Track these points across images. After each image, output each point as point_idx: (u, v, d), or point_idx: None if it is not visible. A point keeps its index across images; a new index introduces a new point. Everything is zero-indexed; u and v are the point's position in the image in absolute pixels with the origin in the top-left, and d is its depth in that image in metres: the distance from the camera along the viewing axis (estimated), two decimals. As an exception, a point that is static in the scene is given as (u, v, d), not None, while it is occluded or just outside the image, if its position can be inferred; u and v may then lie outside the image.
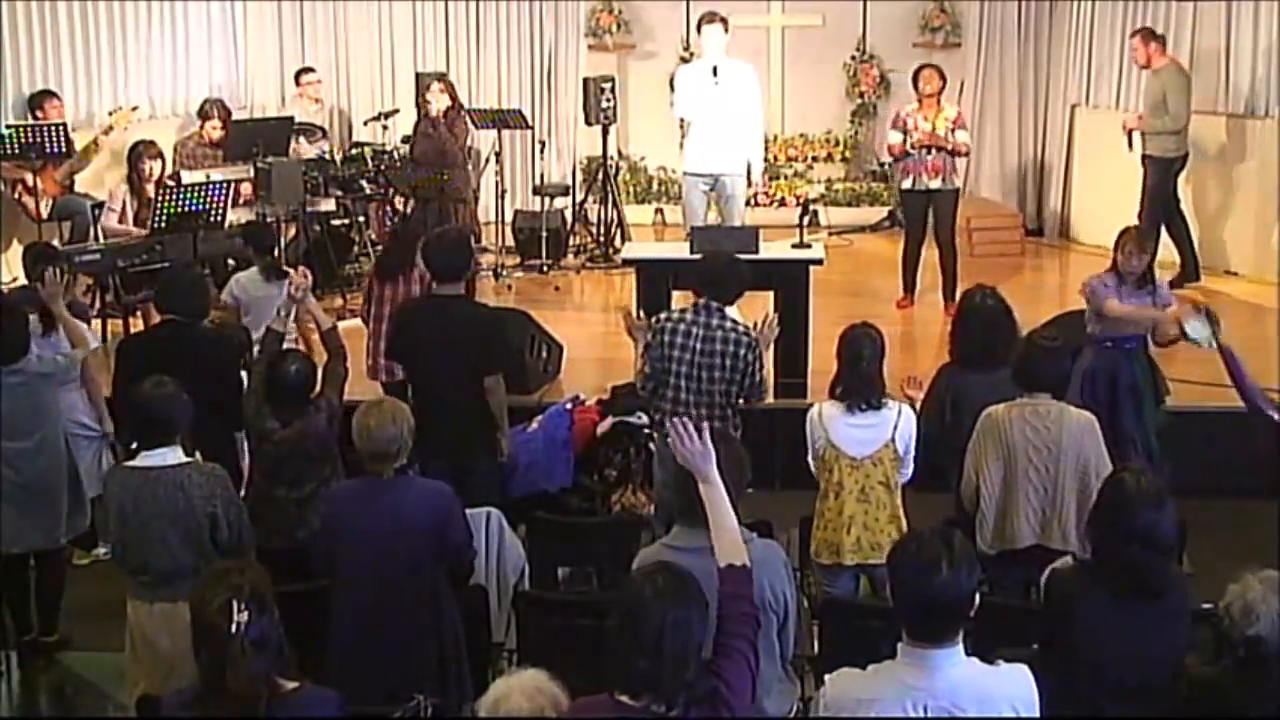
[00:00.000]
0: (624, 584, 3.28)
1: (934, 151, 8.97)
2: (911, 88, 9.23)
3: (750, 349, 5.67)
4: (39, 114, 9.30)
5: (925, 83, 9.02)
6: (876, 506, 5.17)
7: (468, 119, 10.20)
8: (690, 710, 3.12)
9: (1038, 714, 3.29)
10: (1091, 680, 3.86)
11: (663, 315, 5.87)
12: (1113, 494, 4.02)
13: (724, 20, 9.00)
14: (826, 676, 3.38)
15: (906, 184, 9.17)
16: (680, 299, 8.84)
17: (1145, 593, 3.87)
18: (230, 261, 8.44)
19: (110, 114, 9.86)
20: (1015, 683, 3.30)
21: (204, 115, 9.98)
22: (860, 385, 5.20)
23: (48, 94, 9.61)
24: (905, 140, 9.02)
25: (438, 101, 9.80)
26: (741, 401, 5.77)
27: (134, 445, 4.72)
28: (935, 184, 9.04)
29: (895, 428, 5.19)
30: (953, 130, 8.98)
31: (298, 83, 11.28)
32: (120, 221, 8.60)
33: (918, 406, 5.51)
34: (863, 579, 5.29)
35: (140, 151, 8.67)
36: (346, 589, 4.53)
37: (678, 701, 3.11)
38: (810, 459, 5.33)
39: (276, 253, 8.79)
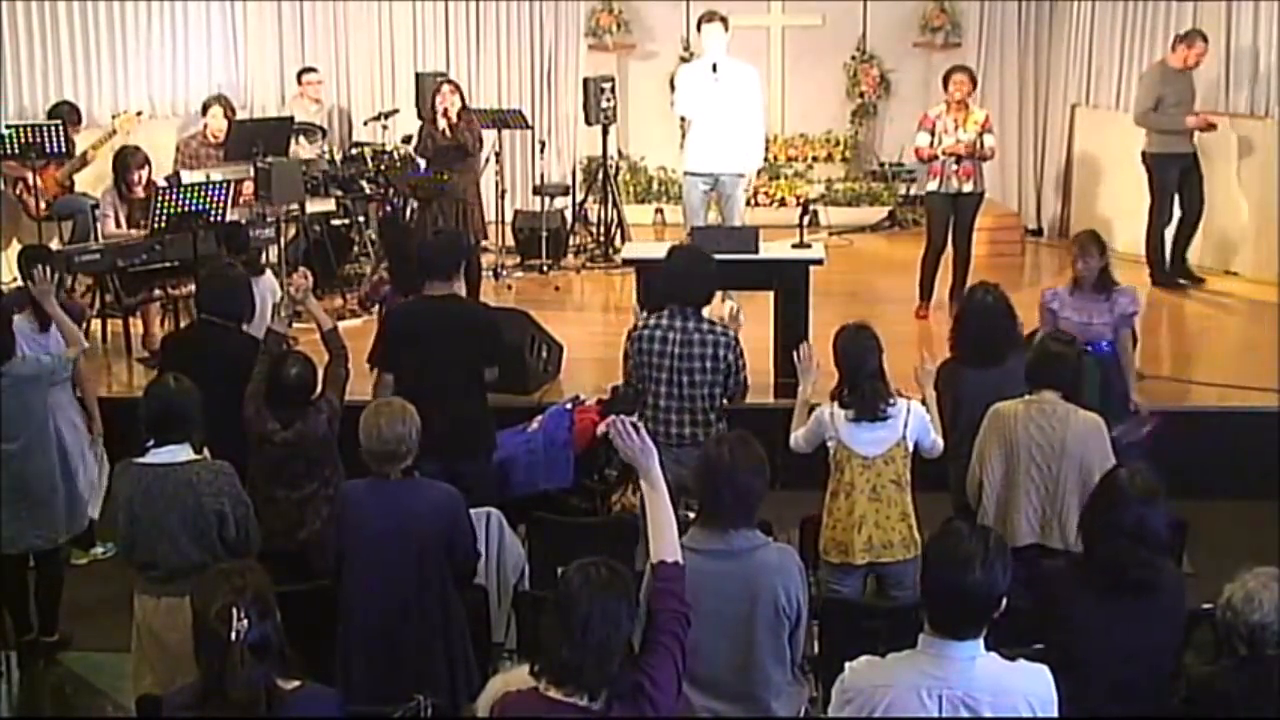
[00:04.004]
0: (560, 576, 3.25)
1: (963, 159, 8.83)
2: (941, 88, 9.00)
3: (730, 348, 5.61)
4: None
5: (956, 88, 8.82)
6: (888, 505, 5.14)
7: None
8: (614, 706, 3.09)
9: (1055, 713, 3.28)
10: (1083, 679, 3.84)
11: (638, 324, 5.77)
12: (1106, 489, 4.04)
13: (723, 19, 8.97)
14: (847, 665, 3.38)
15: (933, 185, 8.99)
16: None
17: (1134, 589, 3.86)
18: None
19: (114, 117, 9.87)
20: (1033, 680, 3.29)
21: (206, 108, 9.96)
22: (865, 403, 5.14)
23: (74, 110, 9.66)
24: (932, 143, 8.87)
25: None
26: (726, 401, 5.70)
27: (150, 442, 4.72)
28: (966, 187, 8.90)
29: (905, 425, 5.16)
30: (981, 134, 8.85)
31: (299, 82, 11.26)
32: (116, 226, 8.59)
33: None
34: (869, 578, 5.26)
35: (128, 163, 8.61)
36: (355, 589, 4.53)
37: (600, 694, 3.07)
38: (800, 435, 5.29)
39: (274, 254, 8.85)
